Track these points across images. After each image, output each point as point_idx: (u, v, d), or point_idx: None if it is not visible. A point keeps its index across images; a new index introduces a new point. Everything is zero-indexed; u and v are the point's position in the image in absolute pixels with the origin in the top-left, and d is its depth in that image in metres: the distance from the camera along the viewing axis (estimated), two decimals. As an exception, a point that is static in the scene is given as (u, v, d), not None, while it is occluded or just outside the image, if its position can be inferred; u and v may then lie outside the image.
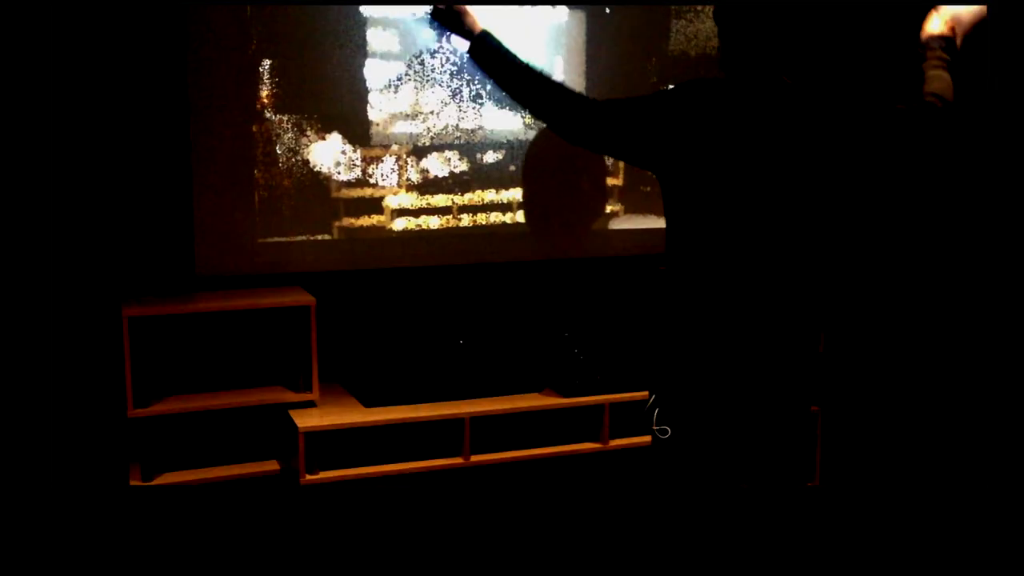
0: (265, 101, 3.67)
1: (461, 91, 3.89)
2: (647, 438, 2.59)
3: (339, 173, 3.79)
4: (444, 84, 3.86)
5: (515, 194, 4.01)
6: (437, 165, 3.90)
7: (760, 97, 2.45)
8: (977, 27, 3.20)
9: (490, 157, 3.96)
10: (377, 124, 3.81)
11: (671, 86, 2.62)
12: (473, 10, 2.59)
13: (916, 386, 4.35)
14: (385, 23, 3.78)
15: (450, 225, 3.94)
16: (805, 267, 2.51)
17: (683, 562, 2.59)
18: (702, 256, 2.47)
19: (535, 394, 3.77)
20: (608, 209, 4.13)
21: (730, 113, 2.44)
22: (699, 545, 2.57)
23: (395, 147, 3.84)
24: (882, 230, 4.37)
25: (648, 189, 4.12)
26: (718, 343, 2.47)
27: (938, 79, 2.72)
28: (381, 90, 3.80)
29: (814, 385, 2.64)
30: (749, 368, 2.47)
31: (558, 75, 3.99)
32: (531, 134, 3.98)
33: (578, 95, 2.54)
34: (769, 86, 2.46)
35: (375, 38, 3.77)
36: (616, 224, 4.15)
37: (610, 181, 4.13)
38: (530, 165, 4.01)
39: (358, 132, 3.79)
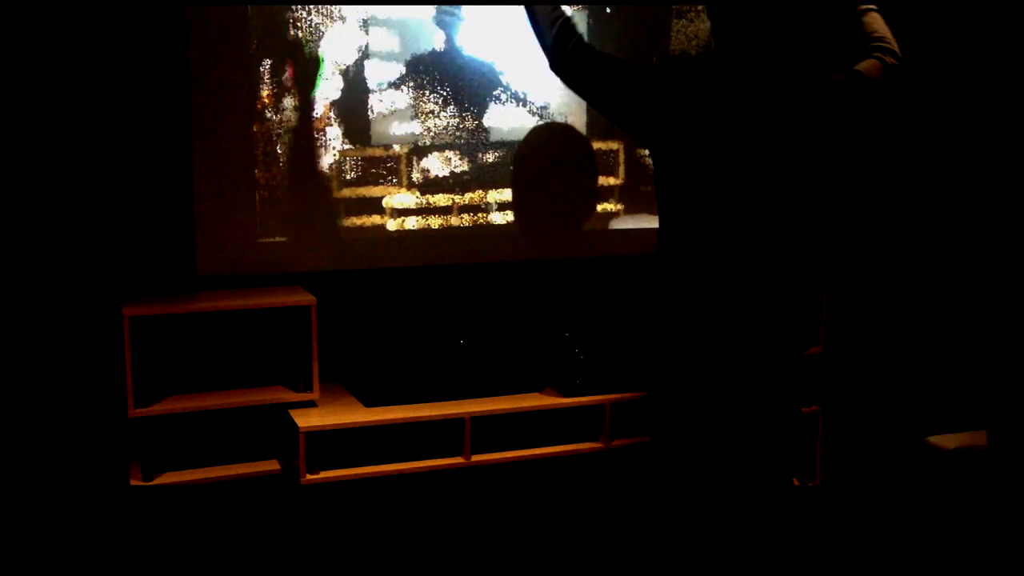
0: (265, 101, 3.67)
1: (461, 91, 3.89)
2: (647, 438, 2.59)
3: (339, 173, 3.79)
4: (444, 84, 3.86)
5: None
6: (437, 165, 3.90)
7: (751, 91, 2.45)
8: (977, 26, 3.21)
9: (490, 157, 3.96)
10: (377, 124, 3.81)
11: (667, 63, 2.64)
12: None
13: (916, 385, 4.36)
14: (385, 23, 3.78)
15: (450, 225, 3.94)
16: (796, 261, 2.51)
17: (683, 562, 2.59)
18: (692, 251, 2.47)
19: (536, 394, 3.77)
20: (608, 209, 4.13)
21: (721, 104, 2.44)
22: (699, 545, 2.57)
23: (395, 147, 3.84)
24: (877, 224, 4.37)
25: (648, 189, 4.12)
26: (708, 341, 2.47)
27: (875, 20, 2.85)
28: (381, 90, 3.80)
29: (805, 384, 2.64)
30: (739, 366, 2.48)
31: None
32: (531, 134, 3.99)
33: (581, 39, 2.62)
34: (761, 82, 2.46)
35: (375, 38, 3.77)
36: (616, 224, 4.15)
37: (610, 181, 4.12)
38: (529, 165, 4.01)
39: (358, 132, 3.79)
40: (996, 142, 4.20)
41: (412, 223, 3.89)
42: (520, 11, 3.89)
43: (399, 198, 3.86)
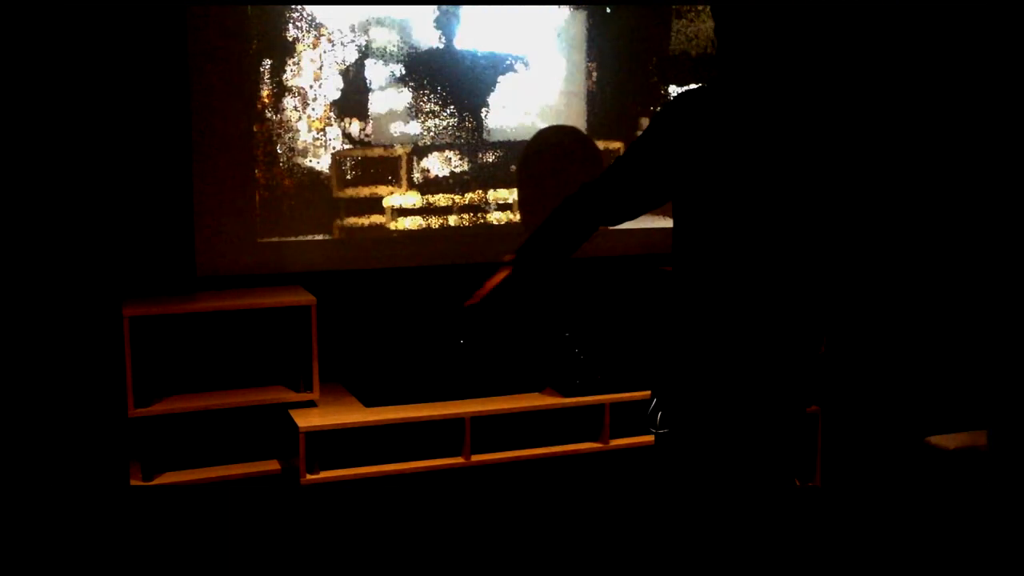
0: (265, 101, 3.67)
1: (461, 91, 3.89)
2: (648, 438, 2.59)
3: (339, 173, 3.79)
4: (444, 84, 3.86)
5: (515, 194, 4.01)
6: (437, 165, 3.90)
7: (759, 99, 2.45)
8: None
9: (490, 157, 3.96)
10: (377, 124, 3.81)
11: (671, 97, 2.58)
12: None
13: (915, 386, 4.36)
14: (385, 23, 3.78)
15: (450, 225, 3.94)
16: (810, 269, 2.50)
17: (683, 562, 2.59)
18: (710, 260, 2.46)
19: (535, 394, 3.77)
20: (608, 209, 4.13)
21: (730, 120, 2.43)
22: (700, 545, 2.57)
23: (395, 147, 3.84)
24: (884, 230, 4.37)
25: (648, 189, 4.12)
26: (723, 346, 2.46)
27: None
28: (381, 90, 3.80)
29: (814, 386, 2.64)
30: (753, 371, 2.47)
31: (559, 76, 4.00)
32: (531, 134, 3.99)
33: (586, 206, 2.52)
34: (767, 85, 2.46)
35: (375, 38, 3.77)
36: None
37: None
38: (529, 165, 4.01)
39: (358, 132, 3.79)
40: (995, 142, 4.20)
41: (412, 223, 3.89)
42: (519, 10, 3.91)
43: (399, 198, 3.86)
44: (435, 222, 3.92)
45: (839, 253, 2.58)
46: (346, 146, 3.78)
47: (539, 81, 3.97)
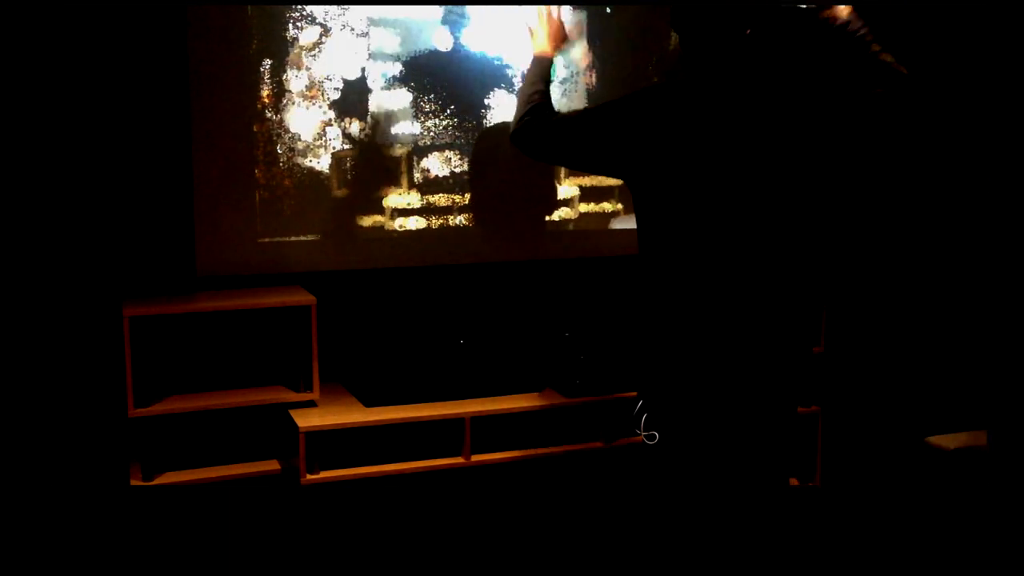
0: (265, 101, 3.67)
1: (461, 91, 3.89)
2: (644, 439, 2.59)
3: (339, 173, 3.79)
4: (444, 84, 3.86)
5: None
6: (437, 165, 3.90)
7: (726, 97, 2.45)
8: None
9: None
10: (377, 124, 3.81)
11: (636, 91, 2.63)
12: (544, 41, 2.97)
13: (915, 386, 4.36)
14: (385, 23, 3.78)
15: (450, 225, 3.94)
16: (787, 265, 2.50)
17: (682, 563, 2.59)
18: (677, 259, 2.46)
19: (535, 394, 3.77)
20: (608, 209, 4.13)
21: (696, 116, 2.43)
22: (698, 546, 2.57)
23: (395, 147, 3.84)
24: (873, 224, 4.37)
25: (648, 189, 4.12)
26: (699, 345, 2.46)
27: (882, 51, 2.73)
28: (381, 90, 3.80)
29: (802, 385, 2.64)
30: (734, 370, 2.47)
31: (559, 76, 4.00)
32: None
33: (544, 114, 2.68)
34: (733, 85, 2.46)
35: (375, 38, 3.77)
36: (616, 224, 4.15)
37: (610, 181, 4.12)
38: (528, 164, 4.01)
39: (358, 132, 3.79)
40: (995, 140, 4.20)
41: (412, 223, 3.89)
42: (519, 10, 3.91)
43: (399, 198, 3.86)
44: (435, 222, 3.92)
45: (814, 248, 2.59)
46: (346, 146, 3.78)
47: (539, 81, 3.97)
